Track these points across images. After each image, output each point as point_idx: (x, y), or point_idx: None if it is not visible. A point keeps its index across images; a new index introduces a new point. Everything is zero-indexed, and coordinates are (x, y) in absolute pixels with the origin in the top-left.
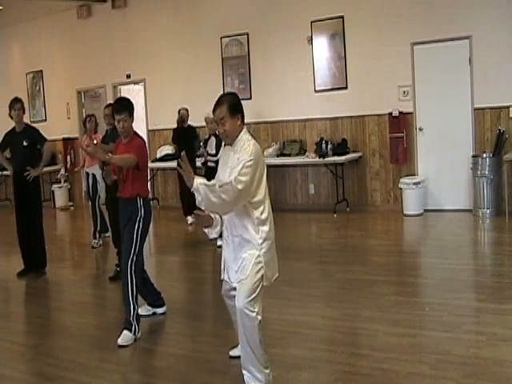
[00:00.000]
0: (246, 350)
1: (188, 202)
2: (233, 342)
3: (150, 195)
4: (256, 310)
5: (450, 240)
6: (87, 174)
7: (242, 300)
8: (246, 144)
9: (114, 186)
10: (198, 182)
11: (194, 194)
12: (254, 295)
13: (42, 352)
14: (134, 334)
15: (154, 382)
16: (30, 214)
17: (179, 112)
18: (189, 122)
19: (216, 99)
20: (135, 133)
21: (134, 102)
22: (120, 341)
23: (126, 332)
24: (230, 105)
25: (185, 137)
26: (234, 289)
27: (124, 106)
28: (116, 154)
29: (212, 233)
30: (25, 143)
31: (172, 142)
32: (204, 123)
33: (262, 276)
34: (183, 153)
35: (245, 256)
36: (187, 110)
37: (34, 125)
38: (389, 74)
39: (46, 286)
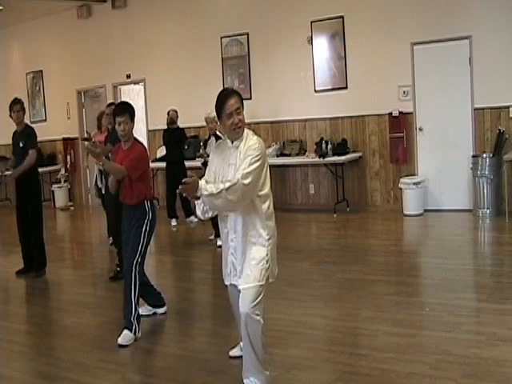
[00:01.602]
0: (249, 353)
1: (173, 204)
2: (233, 342)
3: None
4: (261, 313)
5: (450, 240)
6: (100, 171)
7: (247, 304)
8: (249, 138)
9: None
10: (203, 191)
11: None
12: (259, 298)
13: (41, 352)
14: (135, 333)
15: (154, 381)
16: (29, 214)
17: (168, 113)
18: (178, 123)
19: (222, 94)
20: (135, 139)
21: (134, 105)
22: (120, 340)
23: (126, 332)
24: (241, 96)
25: (174, 138)
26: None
27: (125, 109)
28: (115, 159)
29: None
30: (21, 144)
31: (163, 143)
32: (203, 123)
33: (268, 276)
34: (190, 173)
35: (253, 256)
36: (176, 112)
37: (34, 125)
38: (389, 74)
39: (46, 286)
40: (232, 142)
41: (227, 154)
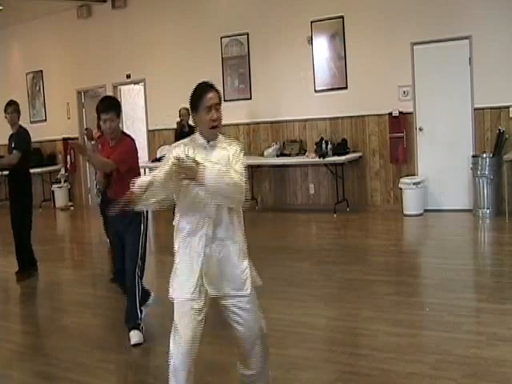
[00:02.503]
0: (261, 372)
1: None
2: (233, 342)
3: None
4: (264, 326)
5: (450, 240)
6: None
7: (258, 323)
8: (228, 141)
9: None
10: (211, 171)
11: None
12: (258, 309)
13: (41, 352)
14: (142, 332)
15: (154, 381)
16: (17, 213)
17: (180, 112)
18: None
19: (201, 85)
20: (123, 133)
21: (135, 105)
22: (135, 340)
23: (137, 332)
24: (220, 95)
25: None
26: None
27: (111, 105)
28: (101, 154)
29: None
30: (13, 145)
31: (174, 141)
32: None
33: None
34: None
35: (239, 266)
36: (188, 110)
37: (34, 125)
38: (389, 74)
39: (45, 286)
40: (208, 142)
41: (204, 154)
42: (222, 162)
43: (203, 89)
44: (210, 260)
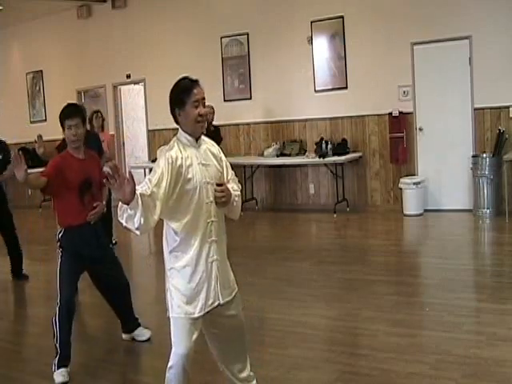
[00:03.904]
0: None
1: None
2: None
3: None
4: None
5: (450, 240)
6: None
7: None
8: (210, 142)
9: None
10: (237, 192)
11: None
12: None
13: (41, 352)
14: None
15: (154, 382)
16: (8, 214)
17: None
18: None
19: (185, 80)
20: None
21: (135, 105)
22: (146, 336)
23: (143, 328)
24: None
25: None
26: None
27: (77, 111)
28: (66, 171)
29: (133, 220)
30: (1, 157)
31: None
32: None
33: None
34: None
35: (232, 276)
36: (212, 108)
37: (33, 125)
38: (389, 74)
39: (45, 286)
40: (196, 141)
41: (195, 155)
42: (214, 162)
43: (189, 83)
44: (217, 266)
